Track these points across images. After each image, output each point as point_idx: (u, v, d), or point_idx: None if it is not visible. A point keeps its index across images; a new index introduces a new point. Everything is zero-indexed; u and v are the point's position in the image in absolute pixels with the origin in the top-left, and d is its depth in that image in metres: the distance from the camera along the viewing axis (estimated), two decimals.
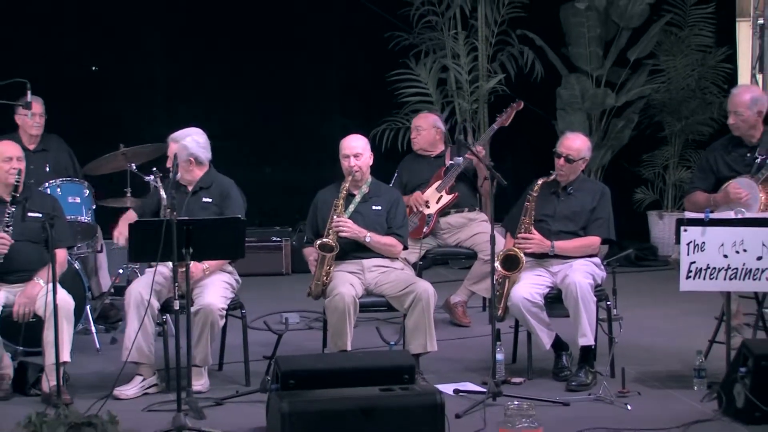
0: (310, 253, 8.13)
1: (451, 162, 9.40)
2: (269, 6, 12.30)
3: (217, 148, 8.25)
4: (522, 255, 7.79)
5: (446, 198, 9.43)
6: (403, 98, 12.38)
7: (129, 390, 7.67)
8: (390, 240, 8.08)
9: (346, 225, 7.89)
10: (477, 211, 9.55)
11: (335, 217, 7.93)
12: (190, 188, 8.03)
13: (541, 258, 8.01)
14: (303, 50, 12.56)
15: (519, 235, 7.91)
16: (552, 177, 8.05)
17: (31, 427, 5.72)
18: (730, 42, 12.97)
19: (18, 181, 7.80)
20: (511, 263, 7.80)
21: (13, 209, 7.76)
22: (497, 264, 7.78)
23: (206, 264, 7.81)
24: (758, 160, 8.12)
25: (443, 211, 9.47)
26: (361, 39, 12.51)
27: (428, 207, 9.41)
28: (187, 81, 12.23)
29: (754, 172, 8.10)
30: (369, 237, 7.95)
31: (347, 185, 8.06)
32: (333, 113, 12.53)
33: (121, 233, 7.94)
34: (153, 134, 9.50)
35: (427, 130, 9.56)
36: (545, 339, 7.86)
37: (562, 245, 7.92)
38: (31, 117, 9.36)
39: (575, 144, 8.09)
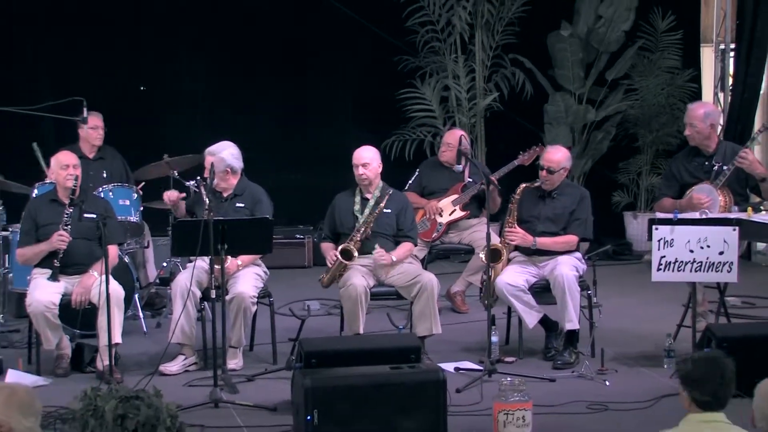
0: (327, 248, 8.14)
1: (469, 180, 9.35)
2: (294, 33, 12.30)
3: (248, 158, 8.25)
4: (503, 249, 7.82)
5: (459, 213, 9.39)
6: (410, 114, 12.38)
7: (173, 367, 7.68)
8: (407, 250, 8.09)
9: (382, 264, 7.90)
10: (477, 218, 9.49)
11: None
12: (225, 195, 8.03)
13: (529, 255, 8.01)
14: (322, 72, 12.55)
15: (505, 230, 7.93)
16: (536, 184, 8.06)
17: (87, 400, 5.70)
18: (695, 65, 12.94)
19: (75, 186, 7.82)
20: (494, 255, 7.82)
21: (71, 211, 7.78)
22: (482, 255, 7.83)
23: (240, 260, 7.82)
24: (716, 168, 8.14)
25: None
26: (373, 62, 12.50)
27: (441, 216, 9.38)
28: (222, 99, 12.22)
29: (713, 178, 8.10)
30: (395, 257, 7.96)
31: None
32: (348, 127, 12.51)
33: (168, 197, 8.12)
34: (192, 145, 9.50)
35: (455, 147, 9.43)
36: (529, 319, 7.87)
37: (543, 240, 7.95)
38: (94, 129, 9.36)
39: (555, 157, 8.09)
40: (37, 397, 4.04)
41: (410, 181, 9.56)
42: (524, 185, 8.08)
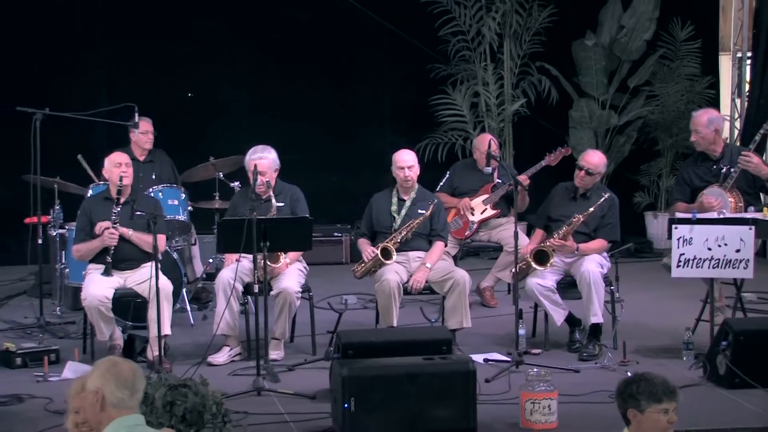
0: (364, 244, 8.15)
1: (498, 180, 9.33)
2: (334, 43, 12.31)
3: (288, 161, 8.27)
4: (551, 253, 7.79)
5: (490, 212, 9.36)
6: (442, 118, 12.37)
7: (220, 357, 7.70)
8: (440, 251, 8.07)
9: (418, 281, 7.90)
10: (506, 217, 9.47)
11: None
12: (264, 196, 7.99)
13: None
14: (359, 79, 12.56)
15: (556, 241, 7.86)
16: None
17: None
18: (714, 72, 12.87)
19: (122, 186, 7.85)
20: (543, 258, 7.79)
21: (119, 209, 7.81)
22: (529, 257, 7.78)
23: (287, 259, 7.83)
24: (723, 171, 8.11)
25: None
26: (407, 70, 12.50)
27: (473, 214, 9.36)
28: (264, 105, 12.25)
29: (721, 181, 8.07)
30: (429, 264, 7.95)
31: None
32: (384, 131, 12.52)
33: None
34: (236, 148, 9.51)
35: (485, 151, 9.36)
36: (557, 317, 7.88)
37: (584, 247, 7.90)
38: (144, 134, 9.41)
39: (594, 160, 8.10)
40: (142, 377, 4.06)
41: (442, 182, 9.55)
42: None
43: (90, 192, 8.89)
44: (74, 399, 4.26)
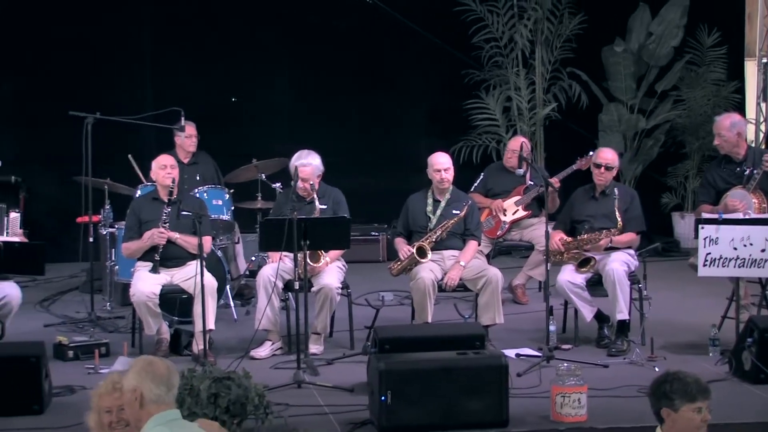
0: (400, 243, 8.15)
1: (530, 182, 9.31)
2: (372, 50, 12.31)
3: (329, 162, 8.27)
4: (594, 258, 7.80)
5: (521, 213, 9.34)
6: (476, 122, 12.35)
7: (262, 352, 7.72)
8: (473, 250, 8.06)
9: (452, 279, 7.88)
10: (537, 218, 9.44)
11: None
12: (308, 198, 8.01)
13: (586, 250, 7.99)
14: (397, 84, 12.55)
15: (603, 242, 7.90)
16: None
17: (184, 380, 5.76)
18: (739, 77, 12.77)
19: (173, 186, 7.90)
20: (586, 262, 7.80)
21: (169, 209, 7.86)
22: (573, 265, 7.82)
23: (328, 258, 7.83)
24: (747, 172, 8.06)
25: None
26: (443, 75, 12.49)
27: (505, 215, 9.35)
28: (304, 108, 12.26)
29: (745, 183, 8.02)
30: (463, 262, 7.94)
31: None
32: (420, 134, 12.49)
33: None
34: (278, 151, 9.55)
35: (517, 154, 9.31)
36: (587, 313, 7.87)
37: (617, 240, 7.89)
38: (188, 138, 9.45)
39: (610, 155, 8.12)
40: (176, 373, 4.08)
41: (476, 184, 9.55)
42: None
43: (138, 192, 8.95)
44: (105, 398, 4.28)
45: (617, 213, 7.92)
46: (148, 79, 11.93)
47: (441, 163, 8.15)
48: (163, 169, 7.94)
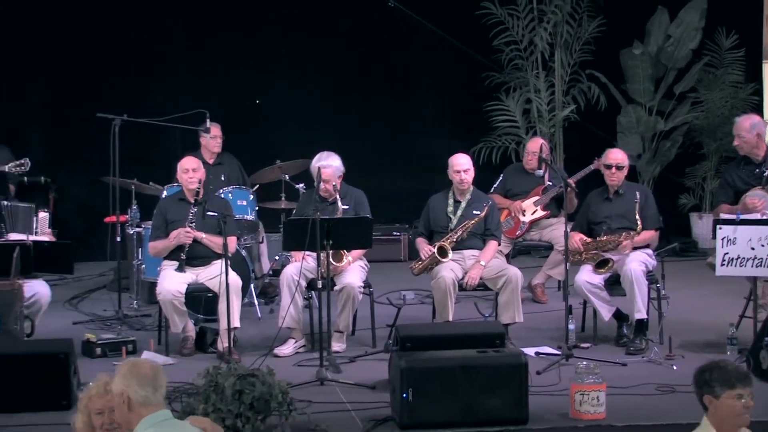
0: (422, 243, 8.15)
1: (549, 183, 9.30)
2: (394, 53, 12.32)
3: (351, 164, 8.28)
4: (612, 259, 7.79)
5: (540, 213, 9.33)
6: (496, 124, 12.32)
7: (286, 349, 7.73)
8: (493, 249, 8.05)
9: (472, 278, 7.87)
10: (556, 218, 9.42)
11: None
12: (330, 199, 8.02)
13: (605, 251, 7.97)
14: (418, 87, 12.56)
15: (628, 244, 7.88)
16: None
17: (209, 377, 5.78)
18: (757, 79, 12.67)
19: (199, 188, 7.92)
20: (604, 263, 7.79)
21: (195, 210, 7.88)
22: (591, 265, 7.80)
23: (350, 258, 7.83)
24: (766, 173, 8.03)
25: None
26: (464, 78, 12.47)
27: (524, 215, 9.33)
28: (327, 110, 12.26)
29: (764, 183, 7.99)
30: (484, 261, 7.93)
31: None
32: (441, 135, 12.47)
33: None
34: (301, 152, 9.55)
35: (536, 155, 9.28)
36: (605, 313, 7.85)
37: (638, 240, 7.88)
38: (213, 138, 9.48)
39: (619, 155, 8.14)
40: (162, 373, 4.05)
41: (495, 185, 9.55)
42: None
43: (165, 193, 8.98)
44: (95, 400, 4.26)
45: (636, 214, 7.89)
46: (175, 81, 11.96)
47: (460, 164, 8.14)
48: (186, 173, 7.97)
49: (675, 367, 7.18)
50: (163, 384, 4.00)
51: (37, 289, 7.54)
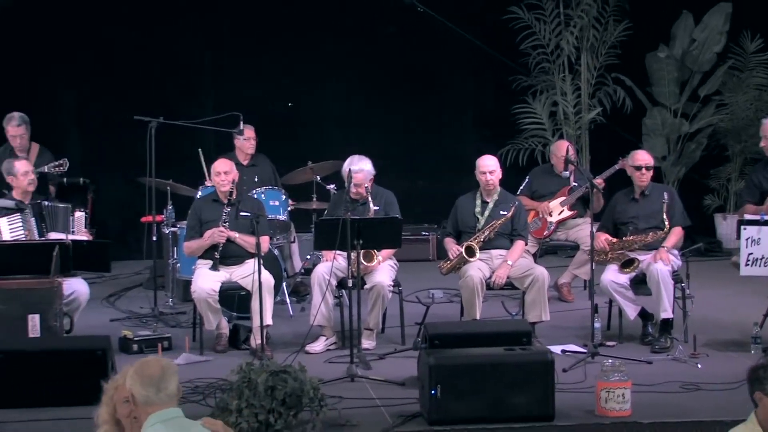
0: (450, 242, 8.14)
1: (574, 184, 9.28)
2: (423, 57, 12.32)
3: (381, 165, 8.28)
4: (637, 260, 7.74)
5: (567, 213, 9.31)
6: (523, 126, 12.31)
7: (317, 347, 7.74)
8: (520, 249, 8.03)
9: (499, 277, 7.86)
10: (582, 218, 9.39)
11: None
12: (361, 199, 8.02)
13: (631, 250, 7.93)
14: (447, 90, 12.55)
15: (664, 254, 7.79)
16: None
17: (242, 373, 5.79)
18: None
19: (232, 190, 7.94)
20: (629, 263, 7.75)
21: (228, 210, 7.90)
22: (616, 265, 7.77)
23: (380, 257, 7.84)
24: None
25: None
26: (491, 81, 12.48)
27: (551, 216, 9.31)
28: (357, 113, 12.28)
29: None
30: (510, 261, 7.91)
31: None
32: (469, 137, 12.47)
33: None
34: (332, 154, 9.58)
35: (562, 157, 9.23)
36: (630, 312, 7.82)
37: (668, 244, 7.84)
38: (247, 140, 9.50)
39: (647, 156, 8.13)
40: (172, 374, 3.99)
41: (522, 186, 9.52)
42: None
43: (199, 193, 9.02)
44: (123, 389, 4.24)
45: (664, 214, 7.85)
46: (209, 85, 12.02)
47: (486, 166, 8.14)
48: (218, 176, 8.01)
49: (699, 366, 7.14)
50: (169, 385, 3.95)
51: (76, 287, 7.59)
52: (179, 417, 3.94)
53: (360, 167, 7.91)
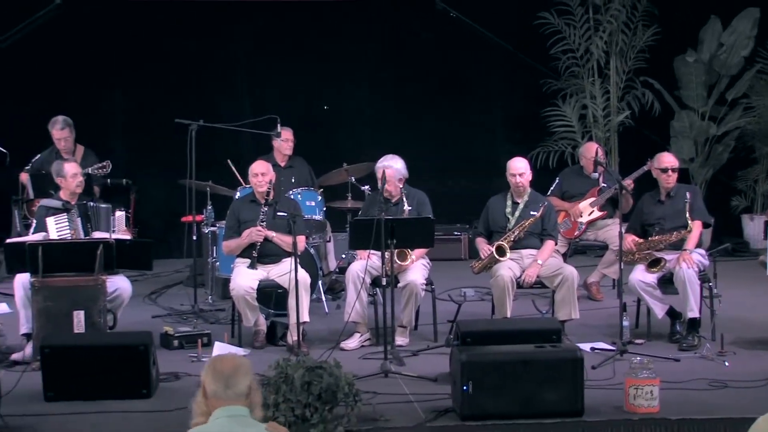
0: (481, 242, 8.14)
1: (604, 185, 9.24)
2: (455, 60, 12.32)
3: (414, 167, 8.28)
4: (663, 259, 7.71)
5: (597, 214, 9.28)
6: (553, 129, 12.26)
7: (351, 343, 7.74)
8: (550, 249, 8.02)
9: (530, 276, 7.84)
10: (611, 218, 9.34)
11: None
12: (394, 199, 8.03)
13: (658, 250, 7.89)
14: (479, 93, 12.53)
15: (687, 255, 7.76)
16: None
17: (279, 369, 5.81)
18: None
19: (269, 190, 7.97)
20: (656, 263, 7.71)
21: (266, 210, 7.93)
22: (643, 265, 7.73)
23: (414, 257, 7.83)
24: None
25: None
26: (522, 84, 12.44)
27: (581, 216, 9.28)
28: (391, 116, 12.29)
29: None
30: (540, 261, 7.89)
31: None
32: (500, 140, 12.45)
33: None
34: (366, 155, 9.60)
35: (591, 158, 9.20)
36: (658, 311, 7.78)
37: (690, 245, 7.80)
38: (285, 142, 9.53)
39: (672, 158, 8.10)
40: (243, 373, 3.96)
41: (552, 187, 9.50)
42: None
43: (238, 194, 9.05)
44: None
45: (687, 213, 7.83)
46: (246, 89, 12.06)
47: (517, 168, 8.13)
48: (256, 177, 8.04)
49: (727, 364, 7.08)
50: (238, 383, 3.94)
51: (119, 284, 7.64)
52: (243, 416, 3.93)
53: (390, 164, 7.93)
